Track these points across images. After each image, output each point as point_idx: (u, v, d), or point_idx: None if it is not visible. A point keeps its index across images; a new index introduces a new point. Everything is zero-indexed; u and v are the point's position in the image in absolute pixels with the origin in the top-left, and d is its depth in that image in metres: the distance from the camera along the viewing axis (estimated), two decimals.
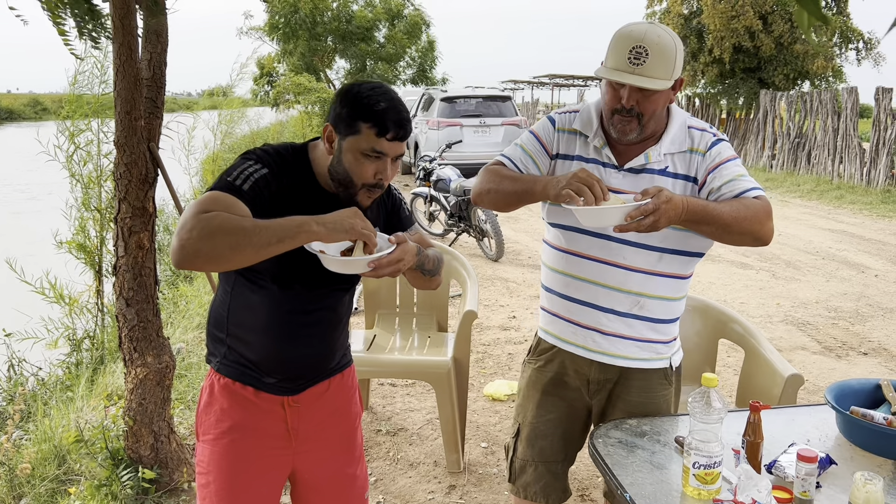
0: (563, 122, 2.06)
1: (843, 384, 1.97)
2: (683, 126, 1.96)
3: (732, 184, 1.86)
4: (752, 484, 1.47)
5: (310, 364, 1.78)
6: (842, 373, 4.70)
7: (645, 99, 1.82)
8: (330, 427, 1.85)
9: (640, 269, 1.94)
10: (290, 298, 1.69)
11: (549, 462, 2.15)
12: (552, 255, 2.09)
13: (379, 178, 1.60)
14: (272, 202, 1.57)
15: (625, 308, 1.97)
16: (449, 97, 13.96)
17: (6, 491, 3.04)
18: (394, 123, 1.56)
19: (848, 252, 8.43)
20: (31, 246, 4.90)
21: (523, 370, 2.25)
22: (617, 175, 1.94)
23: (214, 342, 1.77)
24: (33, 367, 4.63)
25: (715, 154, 1.92)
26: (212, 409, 1.76)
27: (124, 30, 2.60)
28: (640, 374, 2.05)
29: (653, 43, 1.78)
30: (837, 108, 14.60)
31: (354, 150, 1.58)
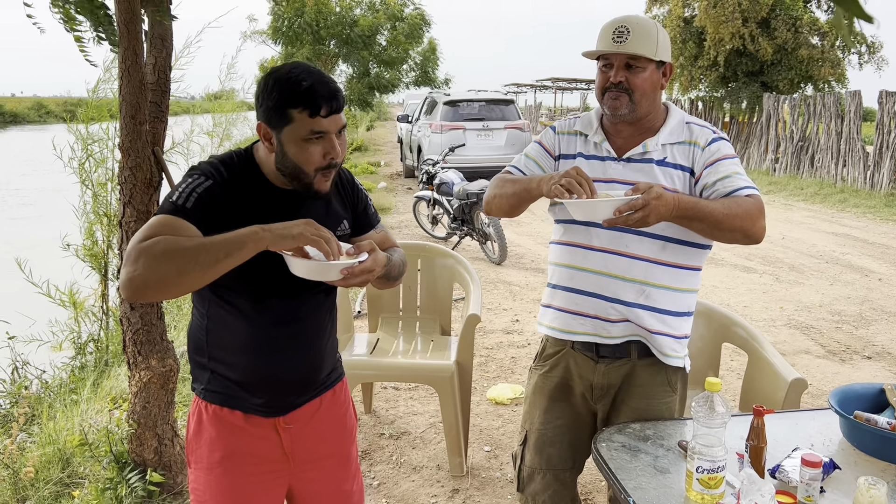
0: (562, 126, 2.17)
1: (846, 388, 1.97)
2: (682, 122, 2.03)
3: (727, 181, 1.90)
4: (756, 488, 1.47)
5: (298, 378, 1.71)
6: (845, 377, 4.69)
7: (633, 75, 1.93)
8: (326, 445, 1.80)
9: (643, 257, 1.97)
10: (266, 312, 1.62)
11: (557, 470, 2.15)
12: (557, 250, 2.12)
13: (329, 157, 1.55)
14: (225, 212, 1.51)
15: (631, 297, 1.98)
16: (452, 101, 13.98)
17: (10, 494, 3.05)
18: (324, 98, 1.50)
19: (851, 256, 8.42)
20: (28, 251, 4.90)
21: (529, 376, 2.25)
22: (617, 166, 2.01)
23: (197, 368, 1.71)
24: (37, 370, 4.64)
25: (714, 150, 1.96)
26: (202, 438, 1.70)
27: (129, 34, 2.61)
28: (646, 375, 2.05)
29: (633, 23, 1.92)
30: (841, 111, 14.58)
31: (295, 138, 1.52)
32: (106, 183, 4.63)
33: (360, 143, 22.11)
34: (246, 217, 1.50)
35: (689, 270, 2.03)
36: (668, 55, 1.98)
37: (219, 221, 1.48)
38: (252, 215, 1.51)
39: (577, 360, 2.10)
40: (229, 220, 1.49)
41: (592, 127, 2.08)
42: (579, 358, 2.10)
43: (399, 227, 10.02)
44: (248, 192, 1.57)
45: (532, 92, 42.37)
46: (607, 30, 1.94)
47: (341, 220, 1.73)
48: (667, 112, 2.05)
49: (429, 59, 17.69)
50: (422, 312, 3.88)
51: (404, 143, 16.97)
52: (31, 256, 4.53)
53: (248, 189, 1.57)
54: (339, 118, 1.55)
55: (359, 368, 3.37)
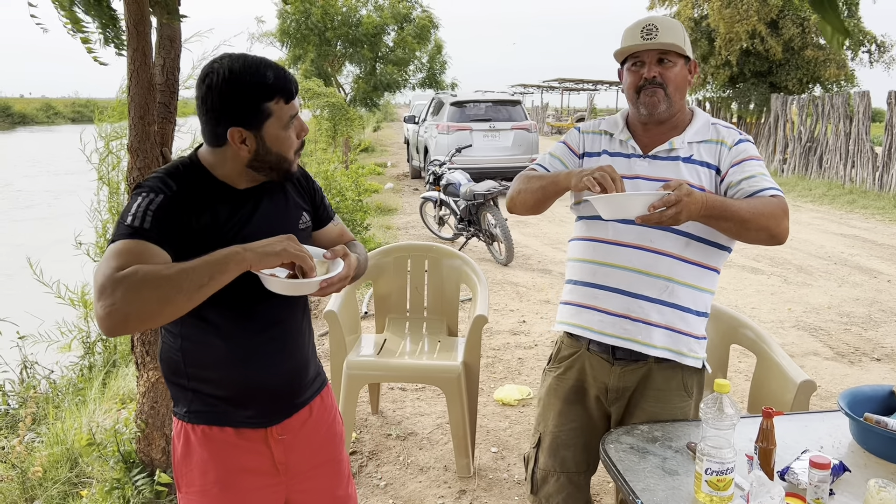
0: (587, 126, 2.19)
1: (856, 390, 1.96)
2: (707, 122, 2.06)
3: (752, 180, 1.92)
4: (765, 491, 1.46)
5: (285, 383, 1.67)
6: (854, 379, 4.67)
7: (666, 70, 1.96)
8: (318, 454, 1.77)
9: (668, 252, 1.97)
10: (239, 321, 1.57)
11: (571, 472, 2.14)
12: (579, 246, 2.11)
13: (301, 136, 1.57)
14: (185, 222, 1.46)
15: (655, 293, 1.98)
16: (459, 101, 13.98)
17: (18, 493, 3.06)
18: (290, 81, 1.51)
19: (860, 257, 8.38)
20: (36, 252, 4.93)
21: (543, 379, 2.24)
22: (642, 162, 2.02)
23: (177, 390, 1.63)
24: (46, 370, 4.66)
25: (741, 150, 1.99)
26: (192, 461, 1.63)
27: (138, 35, 2.62)
28: (662, 378, 2.04)
29: (660, 21, 1.96)
30: (849, 111, 14.52)
31: (276, 130, 1.50)
32: (119, 183, 4.66)
33: (366, 144, 22.12)
34: (208, 223, 1.48)
35: (710, 271, 2.04)
36: (691, 52, 2.02)
37: (180, 234, 1.44)
38: (213, 220, 1.49)
39: (593, 361, 2.09)
40: (191, 229, 1.46)
41: (618, 126, 2.10)
42: (594, 360, 2.08)
43: (406, 227, 10.02)
44: (204, 198, 1.52)
45: (539, 93, 42.36)
46: (634, 29, 1.96)
47: (301, 213, 1.71)
48: (692, 113, 2.08)
49: (435, 60, 17.70)
50: (429, 313, 3.88)
51: (411, 144, 16.98)
52: (39, 258, 4.55)
53: (202, 195, 1.52)
54: (297, 101, 1.57)
55: (366, 369, 3.37)
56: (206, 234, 1.49)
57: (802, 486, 1.61)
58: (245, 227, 1.56)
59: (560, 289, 2.44)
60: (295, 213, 1.69)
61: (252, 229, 1.56)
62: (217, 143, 1.53)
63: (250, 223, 1.57)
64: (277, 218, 1.63)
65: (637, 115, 2.05)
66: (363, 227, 8.13)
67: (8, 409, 4.17)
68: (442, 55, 17.71)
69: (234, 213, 1.54)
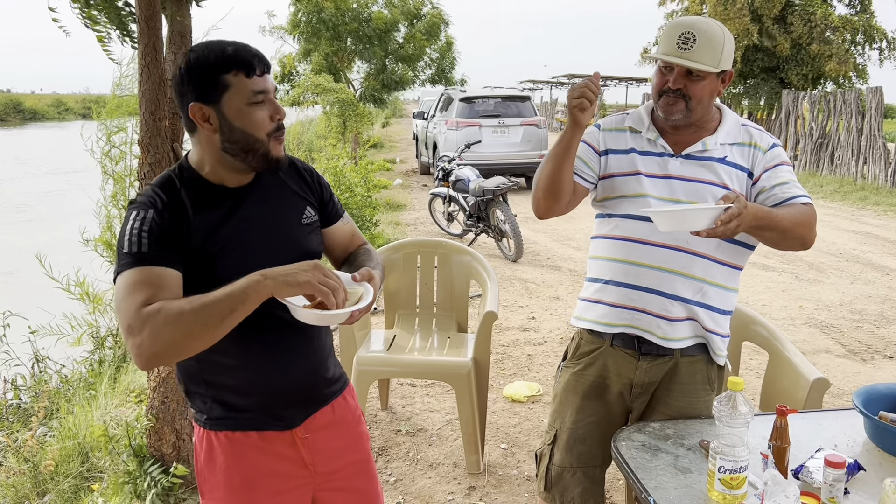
0: (608, 123, 2.13)
1: (870, 388, 1.94)
2: (737, 123, 2.04)
3: (784, 187, 1.94)
4: (780, 489, 1.45)
5: (303, 384, 1.64)
6: (867, 376, 4.63)
7: (692, 83, 1.91)
8: (345, 454, 1.75)
9: (702, 254, 1.96)
10: (254, 325, 1.51)
11: (587, 467, 2.13)
12: (608, 245, 2.07)
13: (277, 118, 1.49)
14: (180, 232, 1.44)
15: (689, 294, 1.98)
16: (467, 97, 13.95)
17: (30, 487, 3.08)
18: (255, 57, 1.45)
19: (872, 254, 8.32)
20: (41, 246, 4.95)
21: (559, 375, 2.22)
22: (675, 162, 2.00)
23: (195, 399, 1.61)
24: (57, 365, 4.69)
25: (774, 155, 1.99)
26: (215, 467, 1.60)
27: (149, 31, 2.62)
28: (688, 373, 2.04)
29: (701, 30, 1.87)
30: (861, 108, 14.42)
31: (238, 105, 1.44)
32: (125, 177, 4.66)
33: (375, 140, 22.13)
34: (201, 228, 1.46)
35: (737, 270, 2.05)
36: (730, 63, 1.95)
37: (179, 246, 1.43)
38: (206, 223, 1.47)
39: (616, 357, 2.07)
40: (189, 238, 1.45)
41: (644, 123, 2.06)
42: (619, 355, 2.07)
43: (415, 223, 10.02)
44: (196, 203, 1.49)
45: (548, 88, 42.24)
46: (673, 32, 1.90)
47: (305, 208, 1.66)
48: (720, 112, 2.05)
49: (445, 56, 17.67)
50: (438, 309, 3.88)
51: (420, 140, 16.97)
52: (46, 254, 4.56)
53: (194, 200, 1.49)
54: (269, 78, 1.49)
55: (375, 365, 3.37)
56: (205, 240, 1.47)
57: (817, 485, 1.60)
58: (244, 225, 1.53)
59: (570, 285, 2.41)
60: (297, 208, 1.65)
61: (252, 228, 1.54)
62: (190, 128, 1.51)
63: (249, 222, 1.54)
64: (277, 214, 1.60)
65: (657, 115, 2.04)
66: (372, 223, 8.13)
67: (20, 403, 4.20)
68: (452, 52, 17.67)
69: (230, 213, 1.51)
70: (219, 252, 1.48)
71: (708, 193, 1.94)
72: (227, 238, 1.50)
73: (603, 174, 2.08)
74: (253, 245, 1.52)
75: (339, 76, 16.27)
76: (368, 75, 16.90)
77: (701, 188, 1.96)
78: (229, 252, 1.49)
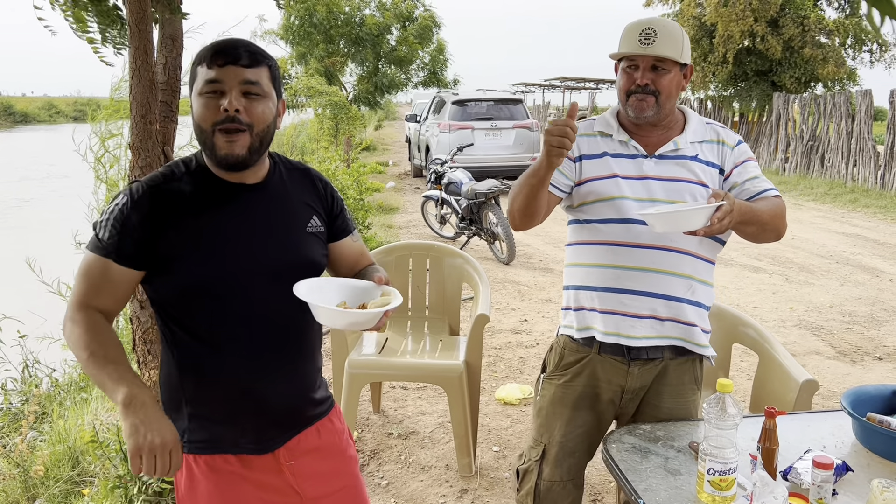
0: (580, 128, 2.10)
1: (859, 390, 1.96)
2: (702, 122, 2.08)
3: (755, 181, 2.00)
4: (769, 491, 1.46)
5: (291, 403, 1.60)
6: (856, 378, 4.66)
7: (659, 77, 1.95)
8: (333, 480, 1.68)
9: (688, 251, 1.99)
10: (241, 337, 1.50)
11: (575, 479, 2.13)
12: (591, 251, 2.06)
13: (225, 111, 1.41)
14: (150, 223, 1.44)
15: (680, 293, 1.99)
16: (460, 100, 13.97)
17: (21, 492, 3.07)
18: (220, 47, 1.43)
19: (862, 256, 8.37)
20: (34, 247, 4.92)
21: (544, 387, 2.19)
22: (649, 163, 2.02)
23: (176, 417, 1.54)
24: (48, 369, 4.67)
25: (742, 151, 2.05)
26: (197, 493, 1.54)
27: (140, 34, 2.62)
28: (676, 374, 2.06)
29: (660, 25, 1.94)
30: (851, 110, 14.50)
31: (195, 97, 1.44)
32: (119, 181, 4.65)
33: (368, 142, 22.12)
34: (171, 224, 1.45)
35: (713, 265, 2.09)
36: (689, 58, 2.01)
37: (141, 240, 1.44)
38: (179, 219, 1.46)
39: (606, 365, 2.06)
40: (151, 233, 1.44)
41: (613, 127, 2.08)
42: (608, 363, 2.05)
43: (407, 226, 10.02)
44: (192, 194, 1.49)
45: (540, 91, 42.27)
46: (633, 31, 1.95)
47: (311, 216, 1.62)
48: (683, 113, 2.09)
49: (437, 59, 17.69)
50: (430, 312, 3.88)
51: (412, 143, 16.97)
52: (37, 258, 4.54)
53: (191, 191, 1.49)
54: (240, 71, 1.42)
55: (367, 368, 3.37)
56: (189, 232, 1.46)
57: (805, 487, 1.61)
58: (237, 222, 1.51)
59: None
60: (301, 214, 1.61)
61: (247, 226, 1.52)
62: None
63: (244, 219, 1.52)
64: (278, 216, 1.56)
65: (626, 116, 2.05)
66: (365, 226, 8.13)
67: (10, 407, 4.18)
68: (444, 54, 17.70)
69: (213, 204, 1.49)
70: (176, 254, 1.45)
71: (686, 191, 1.97)
72: (220, 231, 1.48)
73: (579, 180, 2.07)
74: (217, 250, 1.48)
75: (332, 79, 16.27)
76: (361, 78, 16.91)
77: (679, 186, 1.98)
78: (186, 256, 1.46)
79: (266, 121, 1.47)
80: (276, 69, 1.53)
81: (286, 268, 1.53)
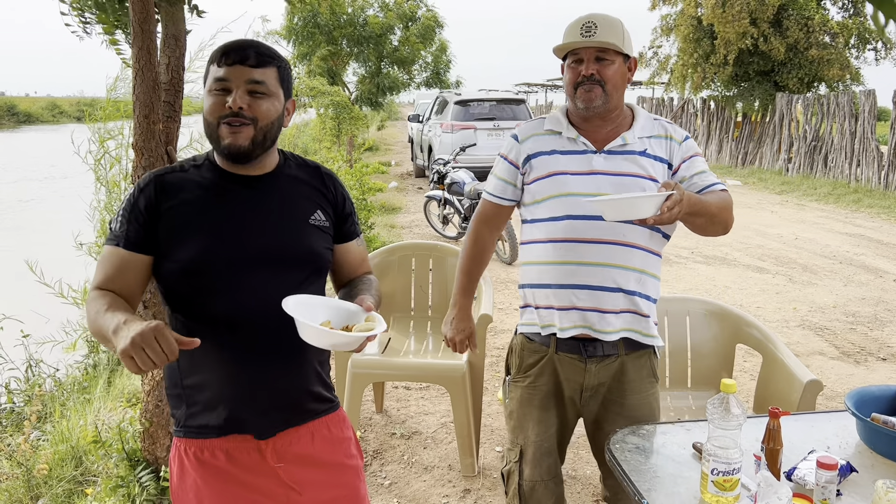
0: (525, 131, 2.16)
1: (863, 390, 1.95)
2: (650, 118, 2.12)
3: (703, 176, 2.04)
4: (773, 491, 1.46)
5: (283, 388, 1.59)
6: (860, 378, 4.65)
7: (604, 68, 1.98)
8: (330, 489, 1.66)
9: (639, 245, 2.02)
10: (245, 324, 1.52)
11: (556, 477, 2.17)
12: (545, 249, 2.07)
13: (229, 107, 1.48)
14: (153, 206, 1.52)
15: (632, 286, 2.02)
16: (463, 100, 13.96)
17: (24, 491, 3.07)
18: (230, 47, 1.50)
19: (866, 256, 8.35)
20: (35, 249, 4.93)
21: (511, 390, 2.21)
22: (598, 158, 2.04)
23: (174, 403, 1.59)
24: (51, 369, 4.67)
25: (689, 146, 2.08)
26: (186, 484, 1.58)
27: (143, 34, 2.62)
28: (634, 369, 2.08)
29: (600, 18, 1.99)
30: (855, 110, 14.47)
31: (206, 93, 1.52)
32: (119, 182, 4.66)
33: (371, 143, 22.14)
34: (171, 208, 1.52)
35: (661, 259, 2.13)
36: (633, 51, 2.05)
37: (152, 230, 1.52)
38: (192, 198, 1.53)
39: (563, 363, 2.09)
40: (152, 216, 1.52)
41: (563, 124, 2.10)
42: (565, 361, 2.08)
43: (410, 226, 10.02)
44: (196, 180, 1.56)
45: (543, 91, 42.28)
46: (574, 26, 2.00)
47: (316, 210, 1.64)
48: (632, 110, 2.12)
49: (440, 60, 17.70)
50: (433, 312, 3.88)
51: (415, 143, 16.97)
52: (39, 259, 4.55)
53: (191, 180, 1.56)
54: (247, 70, 1.49)
55: (370, 368, 3.37)
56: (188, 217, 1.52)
57: (809, 487, 1.61)
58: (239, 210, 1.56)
59: None
60: (305, 205, 1.63)
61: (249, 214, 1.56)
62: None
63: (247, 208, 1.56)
64: (280, 205, 1.59)
65: (575, 110, 2.06)
66: (368, 226, 8.13)
67: (13, 407, 4.18)
68: (447, 55, 17.71)
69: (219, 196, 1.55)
70: (173, 237, 1.52)
71: (635, 186, 2.00)
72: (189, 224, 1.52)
73: (528, 181, 2.10)
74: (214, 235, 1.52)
75: (334, 79, 16.28)
76: (363, 78, 16.92)
77: (628, 181, 2.00)
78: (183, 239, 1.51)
79: (270, 117, 1.53)
80: (286, 70, 1.58)
81: (284, 255, 1.57)
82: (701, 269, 7.55)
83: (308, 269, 1.60)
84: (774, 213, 11.63)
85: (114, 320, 1.36)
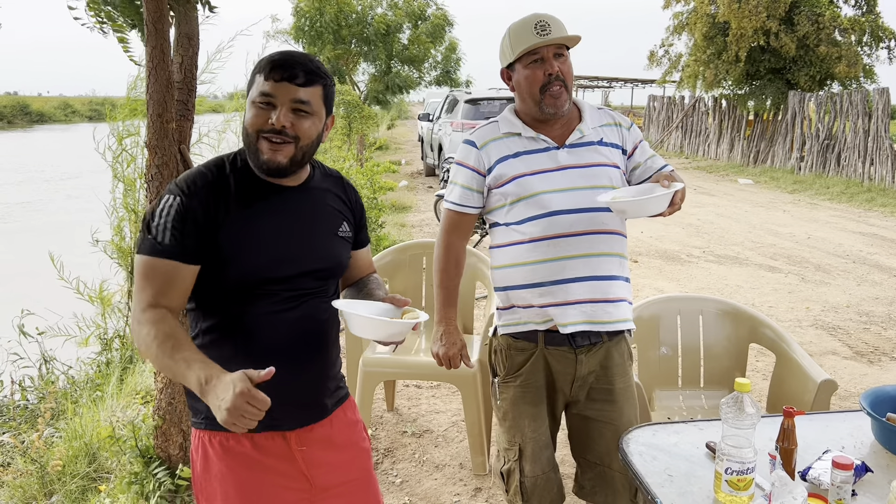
0: (483, 137, 2.15)
1: (878, 390, 1.94)
2: (594, 108, 2.17)
3: (654, 159, 2.13)
4: (788, 491, 1.45)
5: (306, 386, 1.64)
6: (873, 378, 4.62)
7: (563, 65, 2.02)
8: (345, 470, 1.72)
9: (618, 231, 2.08)
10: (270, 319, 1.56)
11: (554, 466, 2.20)
12: (527, 249, 2.06)
13: (272, 123, 1.49)
14: (203, 224, 1.50)
15: (617, 271, 2.07)
16: (473, 99, 13.96)
17: (38, 488, 3.09)
18: (279, 63, 1.49)
19: (879, 255, 8.29)
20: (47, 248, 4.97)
21: (501, 391, 2.20)
22: (563, 153, 2.07)
23: (195, 397, 1.59)
24: (64, 366, 4.70)
25: (635, 132, 2.16)
26: (211, 475, 1.61)
27: (157, 33, 2.63)
28: (617, 353, 2.13)
29: (548, 17, 2.01)
30: (868, 108, 14.37)
31: (249, 103, 1.52)
32: (135, 180, 4.68)
33: (381, 142, 22.17)
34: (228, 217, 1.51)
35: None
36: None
37: (199, 238, 1.49)
38: (235, 212, 1.53)
39: (555, 357, 2.10)
40: (212, 225, 1.50)
41: (518, 125, 2.11)
42: (556, 354, 2.09)
43: (420, 225, 10.03)
44: (238, 189, 1.55)
45: None
46: (525, 27, 2.00)
47: (342, 222, 1.71)
48: (574, 102, 2.16)
49: (450, 58, 17.68)
50: None
51: (425, 142, 16.98)
52: (60, 253, 4.58)
53: (237, 186, 1.55)
54: (293, 89, 1.50)
55: (381, 366, 3.37)
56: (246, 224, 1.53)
57: (824, 487, 1.60)
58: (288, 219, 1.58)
59: None
60: (335, 218, 1.69)
61: (298, 224, 1.59)
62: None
63: (295, 218, 1.59)
64: (319, 217, 1.65)
65: (538, 114, 2.05)
66: (378, 225, 8.14)
67: (27, 403, 4.21)
68: (456, 53, 17.68)
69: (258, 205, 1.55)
70: (237, 246, 1.52)
71: (603, 175, 2.04)
72: (249, 233, 1.54)
73: (495, 185, 2.09)
74: (272, 245, 1.56)
75: (343, 78, 16.30)
76: (373, 77, 16.93)
77: (597, 171, 2.04)
78: (246, 248, 1.53)
79: (312, 136, 1.55)
80: (331, 87, 1.59)
81: (323, 267, 1.64)
82: (713, 268, 7.52)
83: (335, 278, 1.69)
84: (787, 212, 11.56)
85: (191, 374, 1.35)
